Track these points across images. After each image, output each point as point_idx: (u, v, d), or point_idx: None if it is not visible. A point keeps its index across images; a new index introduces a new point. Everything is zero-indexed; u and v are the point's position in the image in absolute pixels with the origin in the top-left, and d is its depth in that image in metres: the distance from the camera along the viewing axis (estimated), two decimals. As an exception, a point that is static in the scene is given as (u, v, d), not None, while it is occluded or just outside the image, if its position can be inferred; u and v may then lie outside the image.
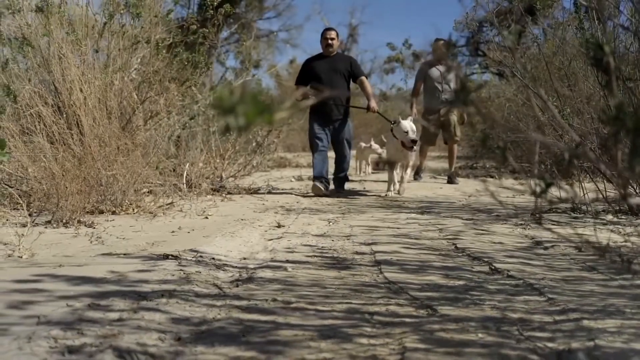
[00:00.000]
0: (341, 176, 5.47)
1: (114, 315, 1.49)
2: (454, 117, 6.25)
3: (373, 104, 5.33)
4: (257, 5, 21.29)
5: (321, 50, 5.39)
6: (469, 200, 4.58)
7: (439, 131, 6.40)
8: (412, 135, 4.68)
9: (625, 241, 2.38)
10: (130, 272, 1.98)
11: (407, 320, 1.49)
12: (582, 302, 1.64)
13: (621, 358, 1.23)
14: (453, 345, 1.30)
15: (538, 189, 0.84)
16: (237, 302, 1.65)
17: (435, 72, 6.30)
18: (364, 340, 1.34)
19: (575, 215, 3.58)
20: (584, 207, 3.65)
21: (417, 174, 6.72)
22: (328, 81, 5.14)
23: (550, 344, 1.31)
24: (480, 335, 1.37)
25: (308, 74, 5.30)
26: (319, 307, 1.61)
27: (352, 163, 7.08)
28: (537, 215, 1.15)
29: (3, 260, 2.24)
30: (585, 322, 1.44)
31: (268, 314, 1.54)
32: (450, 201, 4.56)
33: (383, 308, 1.59)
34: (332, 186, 5.41)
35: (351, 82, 5.44)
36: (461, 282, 1.90)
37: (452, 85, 6.23)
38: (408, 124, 4.74)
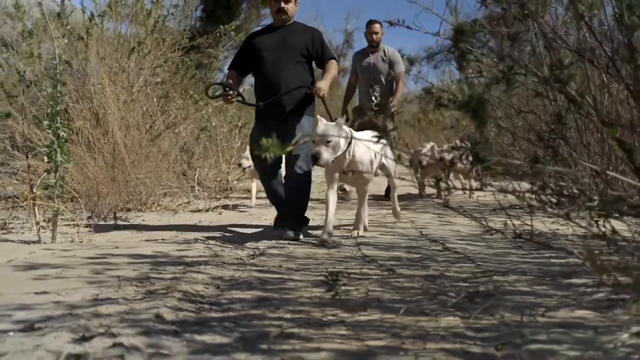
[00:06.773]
0: (295, 211, 3.31)
1: (169, 275, 2.15)
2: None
3: (321, 83, 3.25)
4: (254, 13, 22.11)
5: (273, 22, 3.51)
6: (441, 199, 5.27)
7: None
8: (315, 147, 2.91)
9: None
10: (171, 251, 2.65)
11: (374, 277, 2.16)
12: (500, 266, 2.32)
13: (507, 293, 1.90)
14: (401, 289, 1.97)
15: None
16: (254, 268, 2.32)
17: (366, 63, 5.03)
18: (343, 287, 2.00)
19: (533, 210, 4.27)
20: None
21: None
22: (273, 62, 3.30)
23: (467, 289, 1.98)
24: (420, 284, 2.04)
25: (247, 53, 3.43)
26: (313, 270, 2.28)
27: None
28: (445, 201, 1.77)
29: (69, 244, 2.90)
30: (495, 277, 2.11)
31: (278, 274, 2.21)
32: (425, 200, 5.24)
33: (357, 270, 2.27)
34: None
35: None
36: (418, 256, 2.58)
37: (383, 78, 4.99)
38: (323, 126, 3.01)
